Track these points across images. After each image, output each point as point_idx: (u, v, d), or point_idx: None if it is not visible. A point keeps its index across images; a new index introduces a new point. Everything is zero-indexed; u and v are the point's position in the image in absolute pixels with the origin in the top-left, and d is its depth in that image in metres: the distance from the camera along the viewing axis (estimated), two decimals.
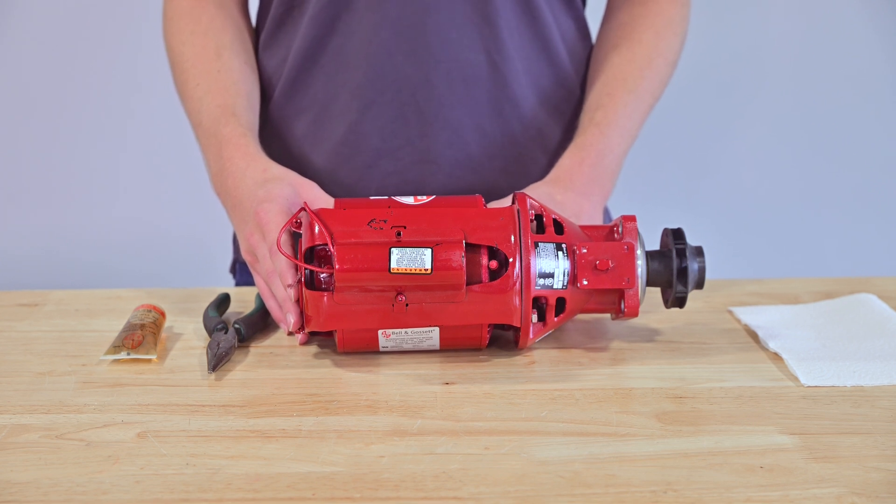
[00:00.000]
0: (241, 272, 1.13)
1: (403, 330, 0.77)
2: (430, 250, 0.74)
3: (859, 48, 1.99)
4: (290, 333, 0.85)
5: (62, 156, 2.05)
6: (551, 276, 0.77)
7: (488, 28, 0.98)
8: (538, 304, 0.78)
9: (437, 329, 0.78)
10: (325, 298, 0.75)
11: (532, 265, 0.76)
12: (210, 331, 0.84)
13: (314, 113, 1.02)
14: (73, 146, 2.05)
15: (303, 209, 0.77)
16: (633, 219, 0.79)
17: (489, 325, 0.79)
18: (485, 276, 0.76)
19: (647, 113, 1.03)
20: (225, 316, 0.90)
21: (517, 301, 0.76)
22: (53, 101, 2.02)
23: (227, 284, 1.15)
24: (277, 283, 0.80)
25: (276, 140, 1.05)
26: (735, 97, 2.04)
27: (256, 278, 0.86)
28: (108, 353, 0.79)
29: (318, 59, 1.00)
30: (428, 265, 0.74)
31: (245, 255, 0.87)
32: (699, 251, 0.81)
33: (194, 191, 2.03)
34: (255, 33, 1.08)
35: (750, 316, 0.89)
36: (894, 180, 2.08)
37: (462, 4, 0.97)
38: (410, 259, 0.74)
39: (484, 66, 0.99)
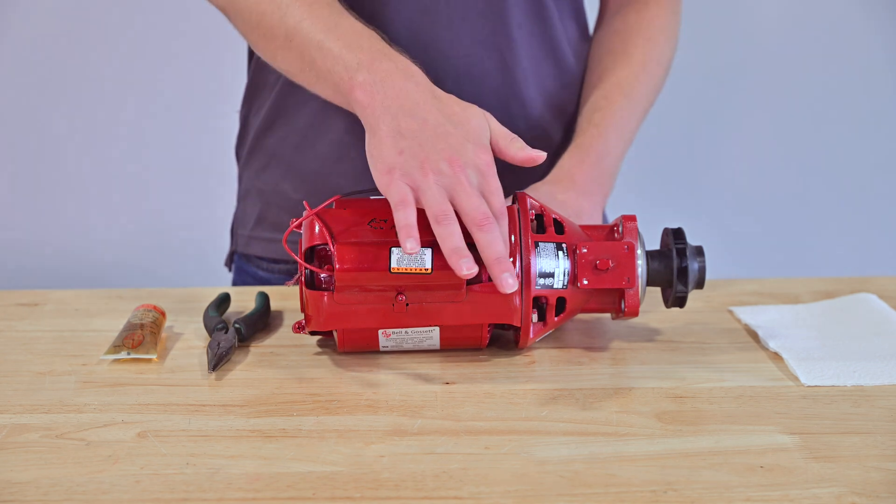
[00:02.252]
0: (238, 271, 1.13)
1: (403, 330, 0.77)
2: (430, 250, 0.74)
3: (859, 48, 1.99)
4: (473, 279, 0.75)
5: (62, 156, 2.05)
6: (551, 275, 0.77)
7: (501, 26, 0.99)
8: (538, 303, 0.78)
9: (437, 329, 0.78)
10: (325, 298, 0.75)
11: (532, 265, 0.76)
12: (210, 331, 0.84)
13: (319, 103, 1.02)
14: (72, 146, 2.04)
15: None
16: (633, 218, 0.80)
17: (489, 325, 0.79)
18: (485, 275, 0.76)
19: (643, 117, 1.04)
20: (225, 316, 0.90)
21: (517, 301, 0.76)
22: (53, 101, 2.02)
23: (227, 284, 1.16)
24: (493, 228, 0.72)
25: (281, 126, 1.05)
26: (735, 97, 2.03)
27: (405, 193, 0.73)
28: (108, 352, 0.79)
29: None
30: (428, 265, 0.74)
31: (421, 170, 0.73)
32: (699, 251, 0.81)
33: (194, 190, 2.04)
34: None
35: (750, 316, 0.89)
36: (894, 180, 2.08)
37: (475, 1, 0.97)
38: (410, 259, 0.74)
39: (494, 63, 1.00)
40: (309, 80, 0.86)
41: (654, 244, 0.85)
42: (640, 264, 0.79)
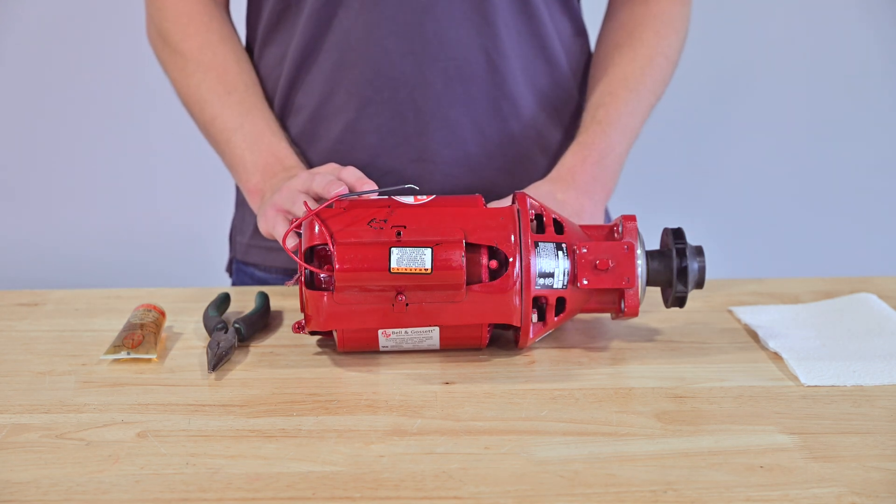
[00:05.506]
0: (238, 272, 1.13)
1: (403, 330, 0.77)
2: (430, 250, 0.74)
3: (858, 48, 1.99)
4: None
5: (62, 155, 2.05)
6: (551, 275, 0.77)
7: (486, 26, 0.98)
8: (538, 303, 0.78)
9: (437, 329, 0.78)
10: (325, 298, 0.75)
11: (532, 265, 0.76)
12: (210, 330, 0.84)
13: (311, 110, 1.02)
14: (73, 145, 2.04)
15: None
16: (633, 218, 0.79)
17: (489, 325, 0.79)
18: (485, 275, 0.76)
19: (649, 112, 1.03)
20: (225, 316, 0.90)
21: (517, 301, 0.76)
22: (54, 101, 2.02)
23: (227, 284, 1.16)
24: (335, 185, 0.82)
25: None
26: (735, 97, 2.03)
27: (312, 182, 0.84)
28: (108, 352, 0.79)
29: (315, 57, 1.00)
30: (428, 265, 0.74)
31: (294, 191, 0.85)
32: (699, 251, 0.81)
33: (194, 190, 2.04)
34: (252, 31, 1.08)
35: (750, 315, 0.89)
36: (894, 180, 2.08)
37: (460, 3, 0.97)
38: (410, 259, 0.74)
39: (482, 64, 0.99)
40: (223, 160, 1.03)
41: (654, 244, 0.85)
42: (640, 264, 0.79)
